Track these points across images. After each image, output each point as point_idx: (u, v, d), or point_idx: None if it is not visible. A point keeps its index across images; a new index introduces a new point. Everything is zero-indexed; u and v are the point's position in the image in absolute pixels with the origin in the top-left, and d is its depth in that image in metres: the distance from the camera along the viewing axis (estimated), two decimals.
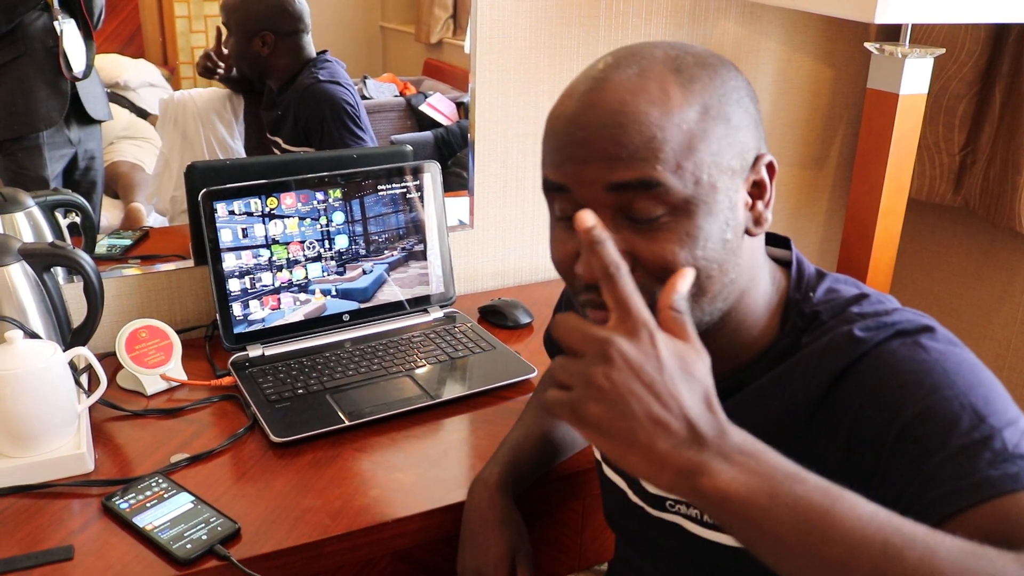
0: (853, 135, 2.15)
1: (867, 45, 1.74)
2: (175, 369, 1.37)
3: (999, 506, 0.65)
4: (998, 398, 0.72)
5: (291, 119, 1.68)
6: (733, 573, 0.89)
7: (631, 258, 0.75)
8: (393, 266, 1.54)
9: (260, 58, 1.64)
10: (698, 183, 0.74)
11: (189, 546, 0.99)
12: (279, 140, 1.70)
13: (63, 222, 1.46)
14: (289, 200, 1.44)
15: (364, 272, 1.52)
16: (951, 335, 0.79)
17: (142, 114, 1.62)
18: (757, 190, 0.80)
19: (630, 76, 0.75)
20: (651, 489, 0.94)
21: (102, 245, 1.56)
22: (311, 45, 1.66)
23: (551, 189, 0.79)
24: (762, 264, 0.84)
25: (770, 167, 0.80)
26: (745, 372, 0.84)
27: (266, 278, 1.44)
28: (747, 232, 0.80)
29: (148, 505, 1.06)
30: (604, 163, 0.73)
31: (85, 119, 1.52)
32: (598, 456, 1.06)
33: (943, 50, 1.73)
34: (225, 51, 1.62)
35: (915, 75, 1.67)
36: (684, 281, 0.71)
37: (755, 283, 0.83)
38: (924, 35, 1.93)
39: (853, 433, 0.75)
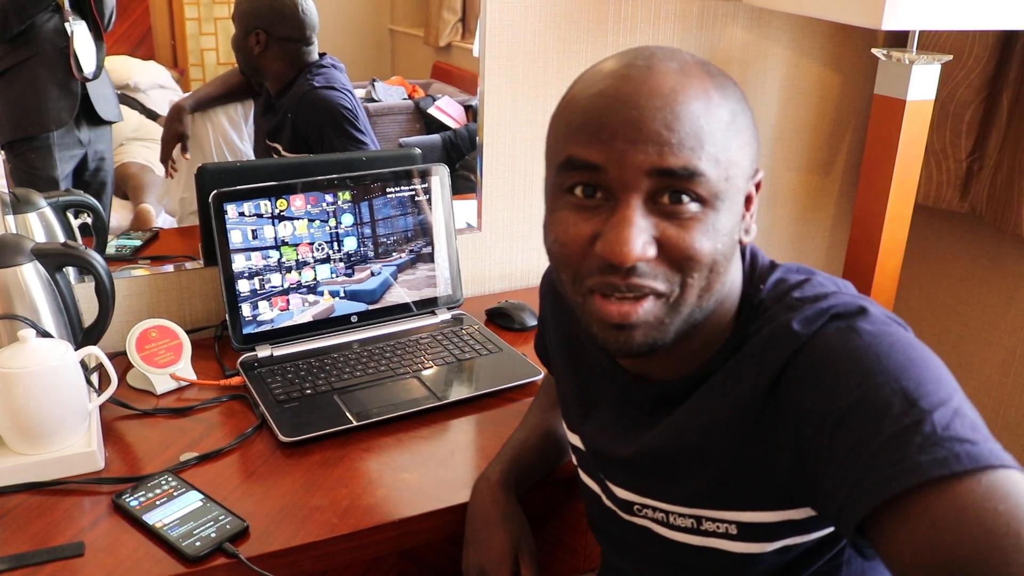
0: (860, 141, 2.16)
1: (874, 51, 1.74)
2: (185, 369, 1.38)
3: (928, 494, 0.66)
4: (931, 378, 0.72)
5: (289, 127, 1.68)
6: (703, 571, 0.90)
7: (657, 244, 0.76)
8: (401, 268, 1.55)
9: (252, 55, 1.63)
10: (728, 179, 0.76)
11: (198, 544, 1.00)
12: (278, 146, 1.70)
13: (75, 223, 1.48)
14: (298, 202, 1.45)
15: (372, 274, 1.53)
16: (887, 314, 0.79)
17: (152, 116, 1.63)
18: (746, 202, 0.82)
19: (674, 69, 0.76)
20: (620, 494, 0.95)
21: (112, 246, 1.57)
22: (311, 55, 1.65)
23: (578, 167, 0.77)
24: (736, 266, 0.86)
25: (758, 184, 0.84)
26: (700, 372, 0.85)
27: (275, 279, 1.45)
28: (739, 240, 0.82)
29: (158, 503, 1.07)
30: (655, 146, 0.73)
31: (95, 120, 1.53)
32: (575, 461, 1.06)
33: (950, 56, 1.74)
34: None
35: (922, 81, 1.67)
36: None
37: (731, 286, 0.85)
38: (931, 41, 1.93)
39: (799, 426, 0.76)
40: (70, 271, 1.37)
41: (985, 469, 0.66)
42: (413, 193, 1.55)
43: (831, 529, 0.84)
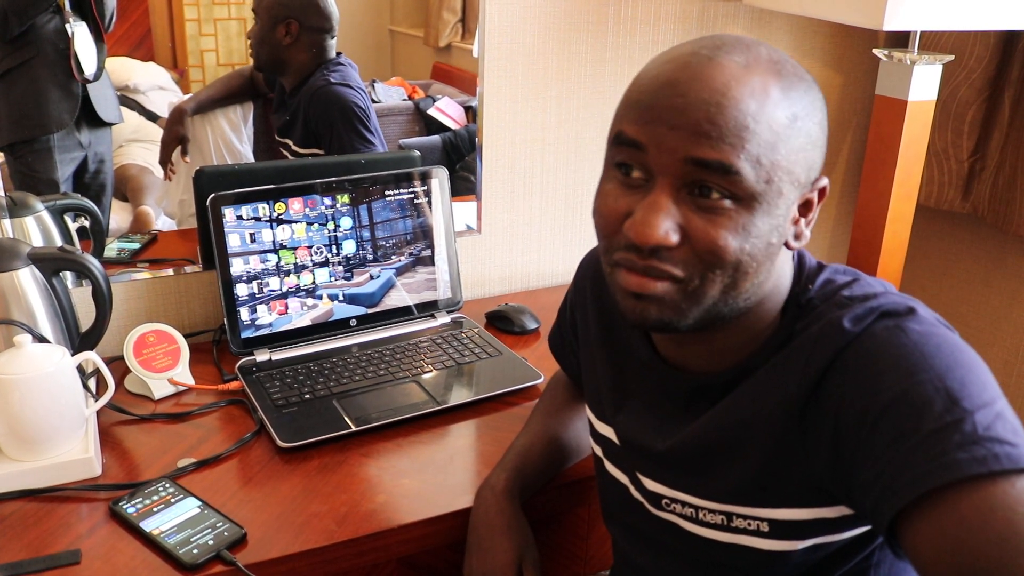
0: (861, 141, 2.15)
1: (876, 51, 1.73)
2: (183, 373, 1.37)
3: (961, 492, 0.66)
4: (975, 380, 0.72)
5: (301, 121, 1.68)
6: (730, 568, 0.90)
7: (683, 232, 0.77)
8: (400, 271, 1.54)
9: (280, 47, 1.64)
10: (769, 182, 0.75)
11: (195, 551, 0.99)
12: (289, 142, 1.70)
13: (72, 226, 1.47)
14: (297, 205, 1.44)
15: (371, 277, 1.52)
16: (934, 316, 0.80)
17: (152, 117, 1.63)
18: (804, 208, 0.82)
19: (737, 63, 0.76)
20: (650, 487, 0.95)
21: (111, 248, 1.57)
22: (332, 50, 1.66)
23: (624, 143, 0.79)
24: (783, 267, 0.86)
25: (822, 191, 0.83)
26: (746, 365, 0.85)
27: (274, 283, 1.44)
28: (786, 244, 0.82)
29: (155, 510, 1.06)
30: (692, 136, 0.74)
31: (96, 122, 1.53)
32: (599, 452, 1.06)
33: (952, 56, 1.73)
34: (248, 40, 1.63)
35: (924, 81, 1.67)
36: None
37: (777, 286, 0.85)
38: (933, 41, 1.92)
39: (838, 420, 0.77)
40: (67, 275, 1.36)
41: (1020, 473, 0.66)
42: (412, 196, 1.54)
43: (862, 529, 0.84)
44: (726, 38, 0.79)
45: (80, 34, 1.44)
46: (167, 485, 1.11)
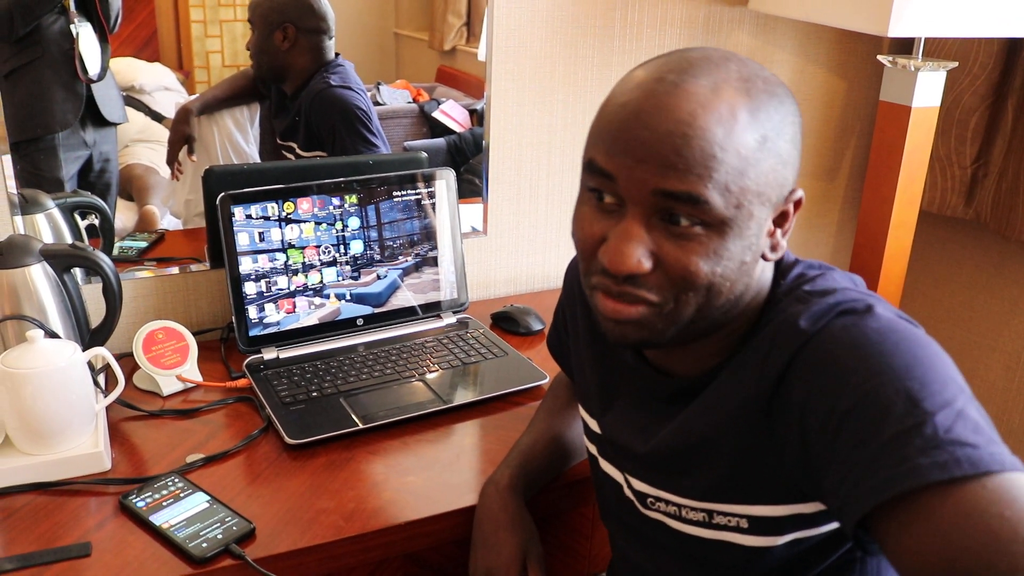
0: (865, 147, 2.16)
1: (880, 58, 1.74)
2: (191, 370, 1.38)
3: (932, 499, 0.66)
4: (936, 378, 0.71)
5: (303, 124, 1.69)
6: (717, 564, 0.91)
7: (655, 258, 0.77)
8: (407, 272, 1.55)
9: (280, 53, 1.64)
10: (739, 207, 0.76)
11: (205, 545, 1.00)
12: (292, 145, 1.70)
13: (82, 224, 1.48)
14: (305, 205, 1.45)
15: (378, 277, 1.53)
16: (895, 311, 0.79)
17: (157, 118, 1.64)
18: (780, 219, 0.83)
19: (704, 88, 0.75)
20: (637, 486, 0.96)
21: (116, 247, 1.57)
22: (331, 51, 1.67)
23: (595, 172, 0.80)
24: (763, 275, 0.86)
25: (798, 202, 0.83)
26: (718, 367, 0.87)
27: (281, 282, 1.45)
28: (762, 256, 0.82)
29: (164, 504, 1.07)
30: (659, 168, 0.74)
31: (100, 121, 1.53)
32: (593, 451, 1.07)
33: (956, 63, 1.74)
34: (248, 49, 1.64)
35: (928, 88, 1.68)
36: None
37: (758, 291, 0.86)
38: (937, 48, 1.93)
39: (804, 420, 0.77)
40: (77, 272, 1.37)
41: (987, 475, 0.66)
42: (419, 197, 1.55)
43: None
44: (694, 57, 0.79)
45: (85, 35, 1.44)
46: (176, 480, 1.12)
